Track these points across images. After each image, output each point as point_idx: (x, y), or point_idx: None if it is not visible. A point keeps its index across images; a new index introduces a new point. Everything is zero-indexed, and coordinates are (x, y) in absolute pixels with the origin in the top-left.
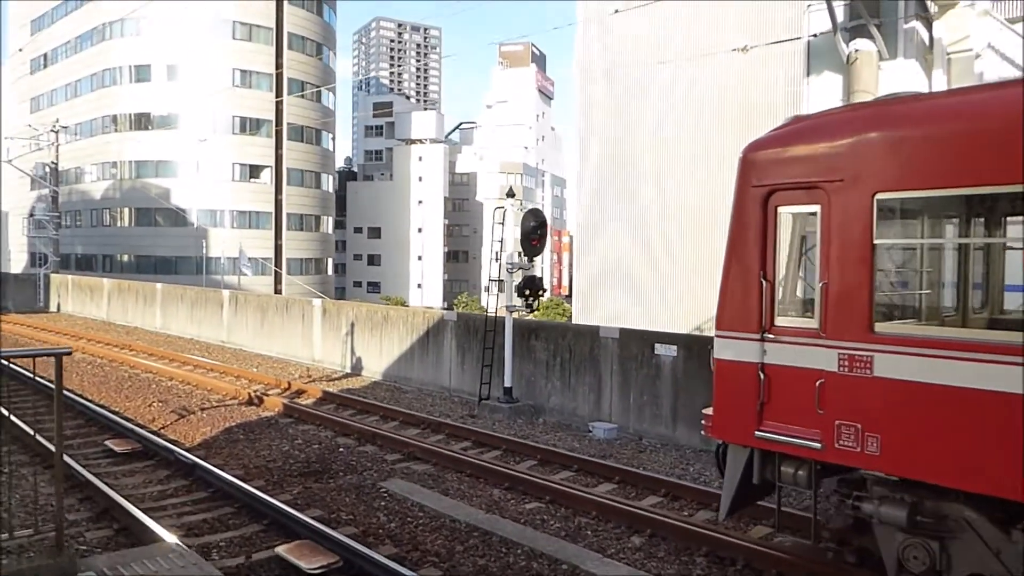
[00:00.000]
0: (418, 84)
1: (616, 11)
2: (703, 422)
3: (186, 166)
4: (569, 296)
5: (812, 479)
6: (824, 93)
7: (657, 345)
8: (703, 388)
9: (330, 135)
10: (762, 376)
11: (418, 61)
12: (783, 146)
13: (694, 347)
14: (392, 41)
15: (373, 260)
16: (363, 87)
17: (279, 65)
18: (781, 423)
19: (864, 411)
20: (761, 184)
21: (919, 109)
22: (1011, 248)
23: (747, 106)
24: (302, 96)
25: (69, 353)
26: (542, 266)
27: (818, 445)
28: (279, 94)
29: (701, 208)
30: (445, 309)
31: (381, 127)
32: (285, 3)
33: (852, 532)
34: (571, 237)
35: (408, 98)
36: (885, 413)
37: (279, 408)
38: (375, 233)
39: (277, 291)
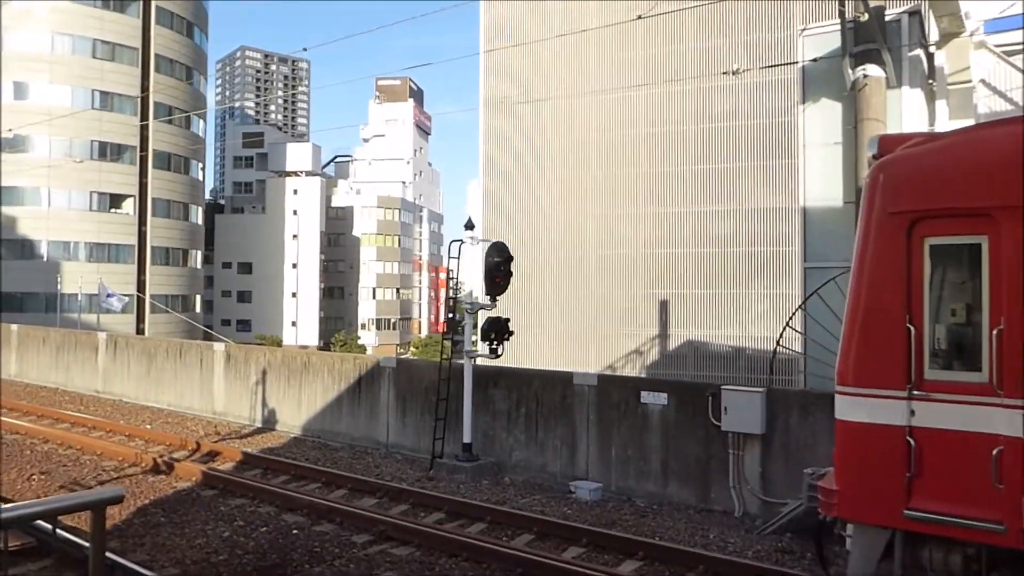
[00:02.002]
0: (286, 116)
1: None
2: (820, 498)
3: (36, 193)
4: (448, 334)
5: (982, 566)
6: (822, 121)
7: (644, 393)
8: (697, 440)
9: (200, 164)
10: (911, 442)
11: (285, 92)
12: (931, 165)
13: (687, 394)
14: (258, 71)
15: (243, 297)
16: (228, 116)
17: (145, 88)
18: (938, 500)
19: None
20: (902, 211)
21: None
22: None
23: (653, 141)
24: (170, 121)
25: (120, 500)
26: (420, 303)
27: (1001, 527)
28: (144, 118)
29: (609, 246)
30: (327, 346)
31: (251, 158)
32: (152, 23)
33: None
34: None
35: (280, 129)
36: None
37: (197, 477)
38: (246, 268)
39: (139, 331)
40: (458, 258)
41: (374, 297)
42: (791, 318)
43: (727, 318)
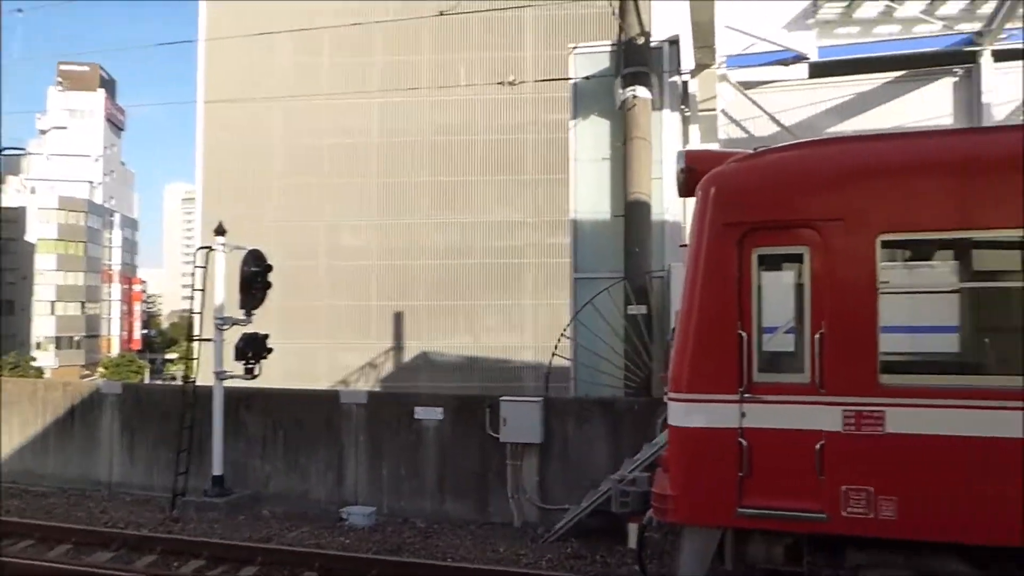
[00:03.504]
0: None
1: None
2: (654, 503)
3: None
4: (143, 352)
5: (803, 554)
6: (593, 137)
7: (418, 408)
8: (474, 453)
9: None
10: (743, 443)
11: None
12: (761, 179)
13: (464, 408)
14: None
15: None
16: None
17: None
18: (768, 496)
19: (876, 472)
20: (734, 222)
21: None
22: None
23: (392, 149)
24: None
25: None
26: (110, 318)
27: (824, 516)
28: None
29: (342, 256)
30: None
31: None
32: None
33: None
34: (144, 284)
35: None
36: (901, 472)
37: None
38: None
39: None
40: (205, 267)
41: (53, 312)
42: (566, 328)
43: (462, 328)
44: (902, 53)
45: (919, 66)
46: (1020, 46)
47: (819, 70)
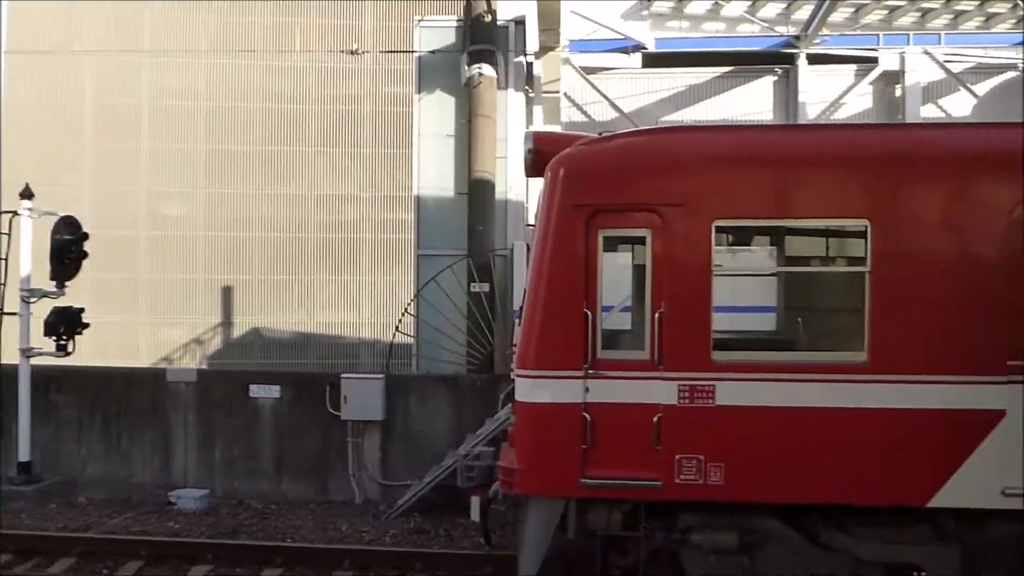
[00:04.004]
0: None
1: None
2: (500, 477)
3: None
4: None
5: (640, 521)
6: (438, 112)
7: (253, 387)
8: (314, 431)
9: None
10: (587, 417)
11: None
12: (608, 163)
13: (303, 385)
14: None
15: None
16: None
17: None
18: (609, 466)
19: (706, 442)
20: (581, 204)
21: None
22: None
23: (219, 114)
24: None
25: None
26: None
27: (659, 483)
28: None
29: (163, 227)
30: None
31: None
32: None
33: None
34: None
35: None
36: (727, 441)
37: None
38: None
39: None
40: (9, 234)
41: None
42: (409, 305)
43: (296, 304)
44: (729, 50)
45: (744, 63)
46: (832, 51)
47: (652, 61)
